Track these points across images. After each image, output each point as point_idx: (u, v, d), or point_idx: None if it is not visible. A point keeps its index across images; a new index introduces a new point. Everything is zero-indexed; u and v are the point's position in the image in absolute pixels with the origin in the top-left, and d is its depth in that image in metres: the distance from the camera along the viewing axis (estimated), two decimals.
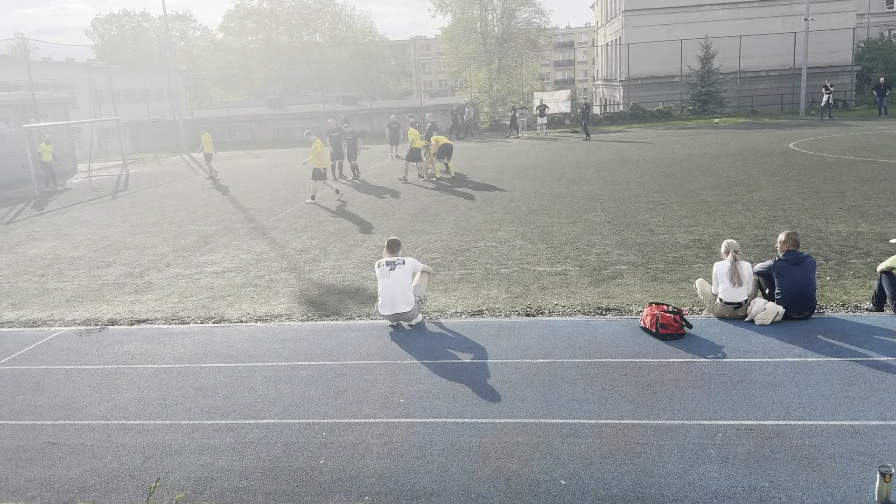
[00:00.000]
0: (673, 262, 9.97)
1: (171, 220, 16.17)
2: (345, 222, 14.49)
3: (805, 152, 21.50)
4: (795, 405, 5.51)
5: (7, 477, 5.13)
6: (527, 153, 26.46)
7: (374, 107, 45.25)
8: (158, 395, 6.41)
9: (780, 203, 13.71)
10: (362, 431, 5.50)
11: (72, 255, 12.89)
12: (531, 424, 5.43)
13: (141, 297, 9.79)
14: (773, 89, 41.55)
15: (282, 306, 9.02)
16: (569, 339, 7.20)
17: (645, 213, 13.55)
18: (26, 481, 5.06)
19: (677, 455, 4.89)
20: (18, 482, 5.05)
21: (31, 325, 8.86)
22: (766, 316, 7.26)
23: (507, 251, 11.16)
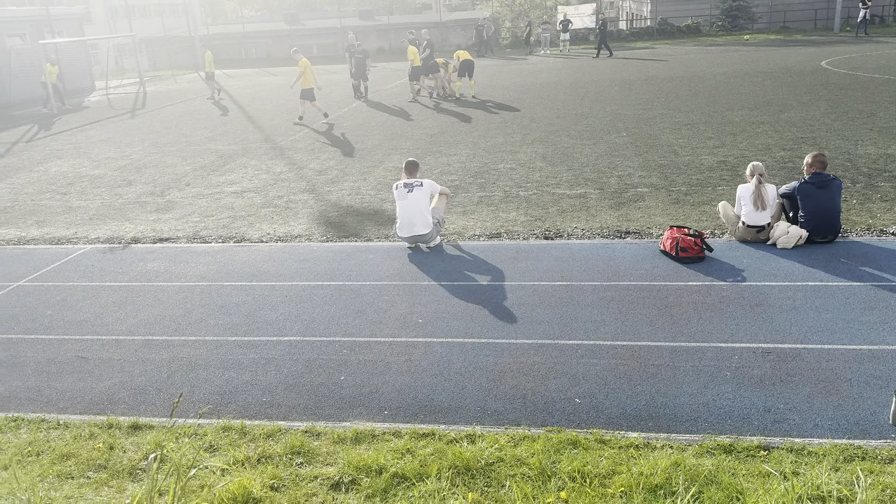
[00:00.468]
0: (696, 184, 9.82)
1: (190, 139, 16.12)
2: (363, 143, 14.36)
3: (837, 71, 20.74)
4: (814, 329, 5.51)
5: (39, 389, 5.33)
6: (549, 71, 25.79)
7: (392, 22, 44.06)
8: (182, 312, 6.54)
9: (809, 124, 13.33)
10: (381, 349, 5.60)
11: (93, 174, 12.96)
12: (548, 345, 5.49)
13: (162, 216, 9.88)
14: (807, 4, 39.72)
15: (301, 227, 9.06)
16: (587, 262, 7.19)
17: (669, 133, 13.26)
18: (57, 393, 5.25)
19: (692, 376, 4.94)
20: (50, 394, 5.24)
21: (56, 243, 9.00)
22: (789, 239, 7.17)
23: (527, 173, 11.03)
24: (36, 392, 5.28)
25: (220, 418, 4.77)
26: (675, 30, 38.04)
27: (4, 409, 5.07)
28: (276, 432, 4.54)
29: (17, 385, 5.40)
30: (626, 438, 4.27)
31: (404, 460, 4.13)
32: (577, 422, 4.50)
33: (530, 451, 4.13)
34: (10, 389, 5.34)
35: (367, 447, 4.32)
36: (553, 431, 4.37)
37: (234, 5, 77.00)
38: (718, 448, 4.13)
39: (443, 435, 4.40)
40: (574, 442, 4.22)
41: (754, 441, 4.19)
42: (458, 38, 40.41)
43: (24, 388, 5.34)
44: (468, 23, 41.55)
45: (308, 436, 4.48)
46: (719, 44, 32.93)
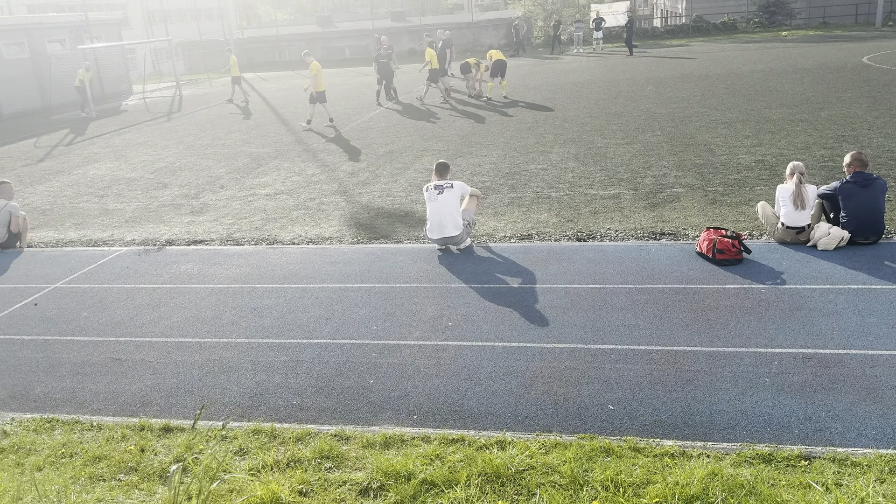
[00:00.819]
0: (733, 184, 9.60)
1: (224, 141, 16.31)
2: (394, 144, 14.36)
3: (880, 67, 20.16)
4: (857, 334, 5.33)
5: (74, 390, 5.40)
6: (581, 70, 25.55)
7: (424, 22, 44.10)
8: (214, 314, 6.58)
9: (850, 121, 12.97)
10: (411, 353, 5.56)
11: (129, 177, 13.17)
12: (580, 350, 5.40)
13: (197, 219, 9.98)
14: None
15: (332, 229, 9.07)
16: (620, 264, 7.06)
17: (705, 132, 13.01)
18: (91, 395, 5.31)
19: (730, 382, 4.80)
20: (85, 395, 5.31)
21: (93, 245, 9.15)
22: (830, 241, 6.96)
23: (559, 174, 10.91)
24: (71, 393, 5.35)
25: (250, 421, 4.78)
26: (711, 27, 37.42)
27: (40, 410, 5.14)
28: (306, 436, 4.53)
29: (53, 386, 5.48)
30: (661, 446, 4.16)
31: (433, 466, 4.08)
32: (610, 429, 4.40)
33: (562, 459, 4.05)
34: (46, 391, 5.43)
35: (396, 452, 4.28)
36: (585, 438, 4.28)
37: (268, 9, 77.95)
38: (757, 457, 4.00)
39: (472, 441, 4.34)
40: (607, 449, 4.12)
41: (795, 450, 4.05)
42: (490, 38, 40.28)
43: (60, 389, 5.42)
44: (500, 22, 41.41)
45: (337, 440, 4.46)
46: (756, 41, 32.30)
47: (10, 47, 25.44)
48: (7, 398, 5.36)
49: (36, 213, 10.89)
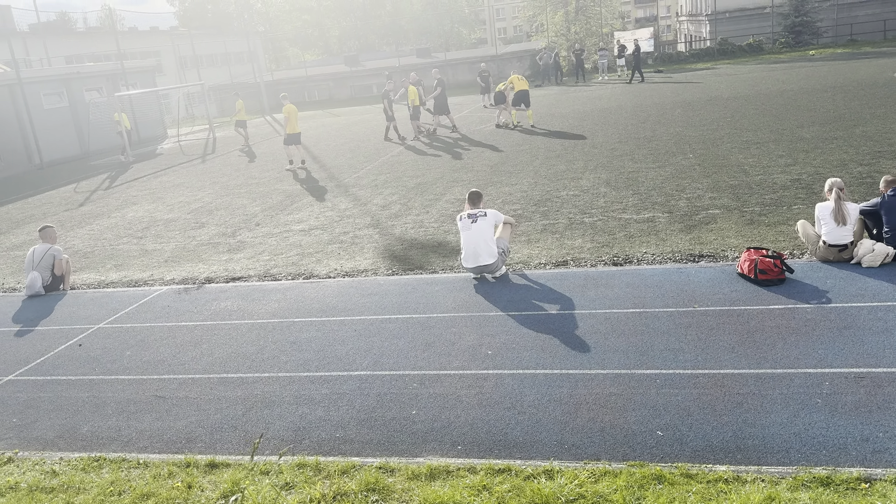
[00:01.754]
0: (770, 204, 9.47)
1: (258, 180, 16.59)
2: (424, 177, 14.48)
3: None
4: None
5: (120, 428, 5.46)
6: (608, 97, 25.59)
7: (449, 58, 44.72)
8: (255, 349, 6.63)
9: (886, 137, 12.75)
10: (452, 383, 5.52)
11: (167, 218, 13.44)
12: (624, 375, 5.31)
13: (234, 256, 10.13)
14: (875, 15, 38.43)
15: (367, 262, 9.13)
16: (660, 287, 6.98)
17: (737, 153, 12.89)
18: (137, 433, 5.36)
19: (781, 405, 4.68)
20: (130, 434, 5.36)
21: (134, 285, 9.32)
22: (875, 257, 6.80)
23: (591, 199, 10.88)
24: (117, 432, 5.41)
25: (294, 455, 4.77)
26: (736, 49, 37.31)
27: (88, 450, 5.20)
28: (351, 468, 4.51)
29: (100, 425, 5.55)
30: (714, 472, 4.06)
31: (481, 497, 4.02)
32: (660, 455, 4.30)
33: (612, 487, 3.96)
34: (92, 430, 5.49)
35: (442, 484, 4.24)
36: (636, 466, 4.19)
37: (296, 50, 79.75)
38: (815, 481, 3.88)
39: (519, 471, 4.28)
40: (659, 477, 4.03)
41: (853, 472, 3.92)
42: (514, 69, 40.63)
43: (106, 428, 5.48)
44: (524, 54, 41.80)
45: (382, 472, 4.43)
46: (783, 61, 32.10)
47: (50, 97, 26.33)
48: (55, 438, 5.44)
49: (78, 256, 11.15)
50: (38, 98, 25.60)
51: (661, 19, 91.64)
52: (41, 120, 25.52)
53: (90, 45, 44.13)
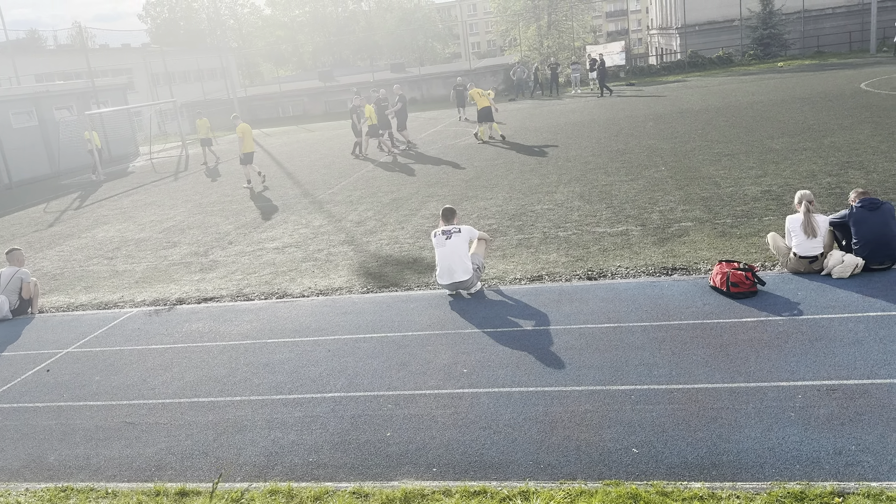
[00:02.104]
0: (741, 216, 9.57)
1: (232, 198, 16.45)
2: (399, 192, 14.45)
3: (878, 92, 20.29)
4: (880, 362, 5.22)
5: (88, 457, 5.32)
6: (581, 110, 25.82)
7: (423, 72, 44.87)
8: (227, 372, 6.53)
9: (854, 147, 12.98)
10: (427, 403, 5.47)
11: (138, 237, 13.25)
12: (599, 392, 5.30)
13: (206, 276, 9.99)
14: (841, 27, 39.29)
15: (342, 279, 9.06)
16: (634, 301, 7.00)
17: (709, 165, 13.04)
18: (105, 461, 5.23)
19: (755, 419, 4.69)
20: (99, 462, 5.23)
21: (104, 308, 9.15)
22: (845, 268, 6.89)
23: (565, 213, 10.92)
24: (85, 460, 5.28)
25: (266, 481, 4.68)
26: (707, 61, 37.87)
27: (55, 479, 5.06)
28: (324, 494, 4.43)
29: (67, 454, 5.40)
30: (690, 489, 4.04)
31: None
32: (636, 473, 4.28)
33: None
34: (60, 458, 5.35)
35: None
36: (611, 485, 4.16)
37: (269, 66, 79.57)
38: (789, 496, 3.88)
39: (495, 493, 4.23)
40: (634, 495, 4.01)
41: (827, 487, 3.93)
42: (488, 84, 40.89)
43: (74, 457, 5.34)
44: (497, 68, 42.07)
45: (356, 497, 4.36)
46: (753, 72, 32.64)
47: (19, 116, 25.94)
48: (21, 468, 5.29)
49: (46, 279, 10.94)
50: (6, 117, 25.22)
51: (633, 33, 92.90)
52: (10, 139, 25.13)
53: (60, 63, 43.62)
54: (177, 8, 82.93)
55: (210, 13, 76.99)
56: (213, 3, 51.18)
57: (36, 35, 61.39)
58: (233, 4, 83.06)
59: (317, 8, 78.35)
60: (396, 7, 78.61)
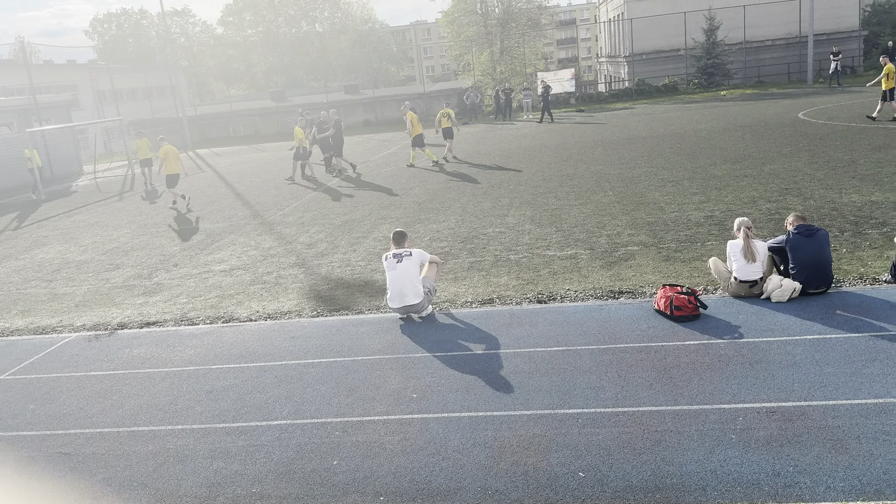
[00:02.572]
0: (685, 240, 9.81)
1: (178, 218, 16.12)
2: (352, 214, 14.39)
3: (815, 121, 21.16)
4: (817, 384, 5.38)
5: (20, 490, 5.09)
6: (532, 135, 26.21)
7: (377, 95, 45.00)
8: (169, 400, 6.35)
9: (792, 175, 13.48)
10: (375, 429, 5.41)
11: (80, 259, 12.86)
12: (547, 416, 5.33)
13: (150, 299, 9.74)
14: (780, 58, 40.98)
15: (291, 303, 8.94)
16: (582, 325, 7.08)
17: (654, 191, 13.36)
18: (38, 494, 5.01)
19: (697, 441, 4.77)
20: (31, 495, 5.01)
21: (41, 332, 8.83)
22: (783, 293, 7.11)
23: (516, 236, 11.02)
24: (15, 495, 5.04)
25: None
26: (653, 89, 38.98)
27: None
28: None
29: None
30: None
31: None
32: (582, 498, 4.30)
33: None
34: None
35: None
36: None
37: (221, 85, 78.72)
38: None
39: None
40: None
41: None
42: (441, 107, 41.24)
43: (2, 492, 5.10)
44: (451, 92, 42.49)
45: None
46: (697, 101, 33.69)
47: None
48: None
49: None
50: None
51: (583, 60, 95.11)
52: None
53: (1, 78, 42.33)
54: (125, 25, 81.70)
55: (160, 31, 75.98)
56: (164, 21, 50.47)
57: None
58: (184, 23, 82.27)
59: (270, 28, 78.11)
60: (350, 29, 78.92)
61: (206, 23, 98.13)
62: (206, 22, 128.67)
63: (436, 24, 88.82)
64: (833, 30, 40.08)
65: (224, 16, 78.64)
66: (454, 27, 59.17)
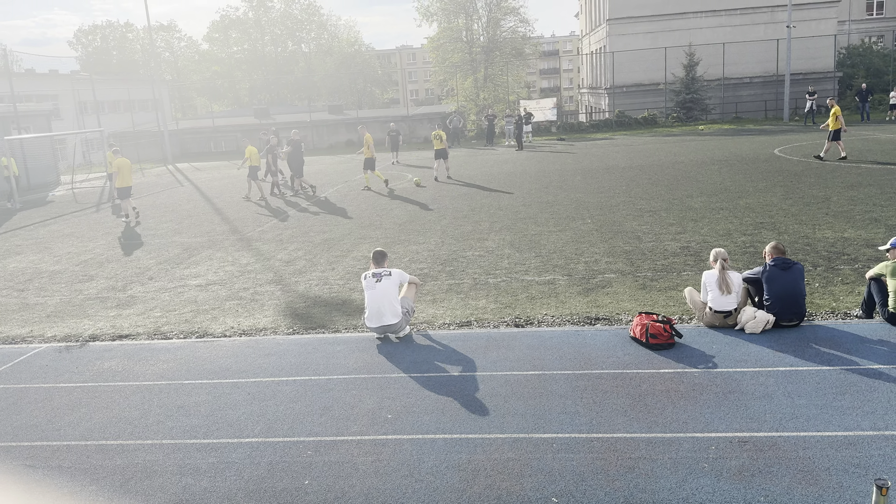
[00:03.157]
0: (661, 269, 9.92)
1: (155, 231, 15.97)
2: (332, 232, 14.36)
3: (790, 158, 21.60)
4: (788, 416, 5.44)
5: None
6: (513, 161, 26.44)
7: (361, 116, 45.17)
8: (139, 414, 6.24)
9: (767, 209, 13.72)
10: (349, 449, 5.36)
11: (53, 269, 12.67)
12: (522, 439, 5.32)
13: (123, 312, 9.61)
14: (757, 95, 41.87)
15: (267, 319, 8.87)
16: (558, 349, 7.10)
17: (632, 220, 13.51)
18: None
19: (670, 469, 4.79)
20: None
21: (10, 342, 8.65)
22: (757, 324, 7.20)
23: (496, 260, 11.07)
24: None
25: None
26: (633, 121, 39.58)
27: None
28: None
29: None
30: None
31: None
32: None
33: None
34: None
35: None
36: None
37: (204, 101, 78.53)
38: None
39: None
40: None
41: None
42: (425, 130, 41.48)
43: None
44: (434, 116, 42.79)
45: None
46: (675, 134, 34.24)
47: None
48: None
49: None
50: None
51: (565, 90, 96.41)
52: None
53: None
54: (110, 37, 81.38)
55: (145, 44, 75.81)
56: (149, 35, 50.35)
57: None
58: (169, 38, 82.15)
59: (256, 46, 78.30)
60: (336, 51, 79.34)
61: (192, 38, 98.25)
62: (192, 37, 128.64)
63: (421, 50, 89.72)
64: (809, 70, 41.10)
65: (210, 32, 78.74)
66: (439, 53, 59.72)
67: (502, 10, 58.64)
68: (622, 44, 42.77)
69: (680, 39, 40.95)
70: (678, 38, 41.22)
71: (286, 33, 79.44)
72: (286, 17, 78.74)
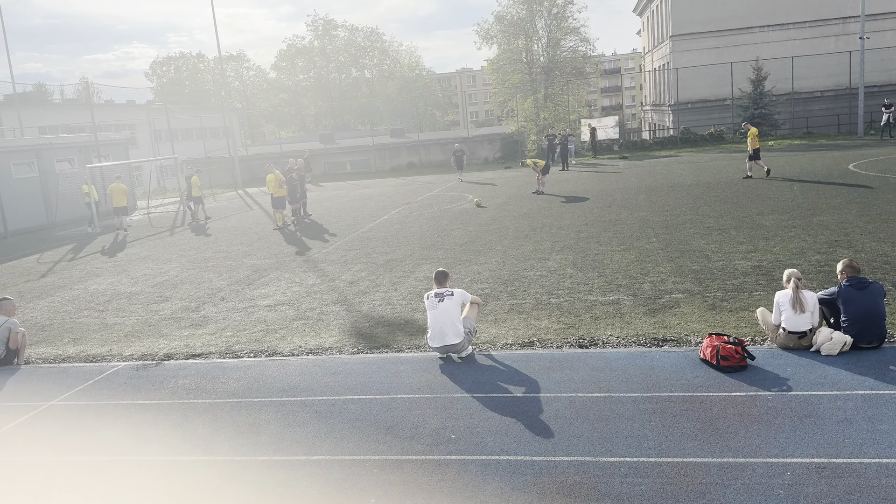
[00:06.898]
0: (732, 290, 9.65)
1: (227, 254, 16.50)
2: (394, 253, 14.54)
3: (866, 174, 20.75)
4: (869, 441, 5.20)
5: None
6: (575, 180, 26.24)
7: (422, 138, 45.75)
8: (211, 431, 6.43)
9: (842, 227, 13.20)
10: (413, 469, 5.39)
11: (130, 291, 13.22)
12: (588, 463, 5.25)
13: (196, 332, 9.94)
14: (829, 110, 40.48)
15: (332, 339, 9.03)
16: (624, 371, 6.99)
17: (700, 238, 13.21)
18: None
19: (743, 496, 4.64)
20: None
21: (91, 360, 9.06)
22: (834, 346, 6.92)
23: (558, 280, 10.98)
24: None
25: None
26: (699, 138, 38.77)
27: None
28: None
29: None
30: None
31: None
32: None
33: None
34: None
35: None
36: None
37: (272, 127, 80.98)
38: None
39: None
40: None
41: None
42: (485, 151, 41.71)
43: None
44: (494, 137, 42.99)
45: None
46: (744, 150, 33.34)
47: (20, 167, 26.19)
48: None
49: (35, 329, 10.85)
50: (7, 167, 25.45)
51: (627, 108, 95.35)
52: (9, 189, 25.29)
53: (65, 116, 44.36)
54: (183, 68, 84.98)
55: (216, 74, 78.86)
56: (220, 65, 52.38)
57: (43, 89, 62.55)
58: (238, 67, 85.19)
59: (321, 74, 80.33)
60: (398, 76, 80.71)
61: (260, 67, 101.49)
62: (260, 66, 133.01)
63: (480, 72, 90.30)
64: (885, 81, 39.54)
65: (277, 61, 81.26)
66: (499, 74, 59.85)
67: (563, 30, 58.45)
68: (686, 59, 42.15)
69: (746, 54, 40.07)
70: (744, 52, 40.35)
71: (350, 60, 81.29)
72: (350, 44, 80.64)
